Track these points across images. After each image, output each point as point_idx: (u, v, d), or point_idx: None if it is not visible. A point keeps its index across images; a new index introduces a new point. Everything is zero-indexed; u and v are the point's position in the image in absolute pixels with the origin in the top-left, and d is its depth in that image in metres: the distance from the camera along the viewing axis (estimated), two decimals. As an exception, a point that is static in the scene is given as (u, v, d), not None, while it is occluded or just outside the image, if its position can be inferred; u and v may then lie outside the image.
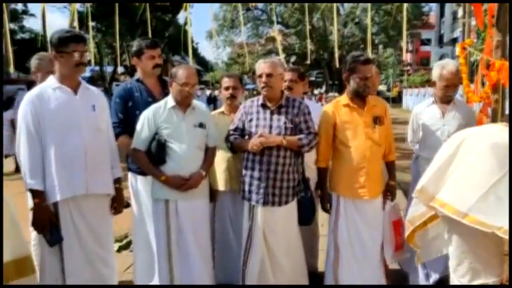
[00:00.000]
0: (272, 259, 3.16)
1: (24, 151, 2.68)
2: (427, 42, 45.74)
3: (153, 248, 3.27)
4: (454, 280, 2.51)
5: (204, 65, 45.44)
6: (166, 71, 4.18)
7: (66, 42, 2.70)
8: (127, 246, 4.53)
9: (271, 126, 3.11)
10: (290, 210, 3.17)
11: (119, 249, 4.39)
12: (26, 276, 2.93)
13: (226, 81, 3.53)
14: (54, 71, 2.84)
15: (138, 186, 3.40)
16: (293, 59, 30.42)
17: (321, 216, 3.75)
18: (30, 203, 2.82)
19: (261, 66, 3.12)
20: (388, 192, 3.32)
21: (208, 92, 29.75)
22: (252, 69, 23.25)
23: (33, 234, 2.85)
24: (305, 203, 3.20)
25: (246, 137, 3.14)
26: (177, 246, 3.04)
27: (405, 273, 3.70)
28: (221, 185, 3.46)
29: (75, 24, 8.94)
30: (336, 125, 3.20)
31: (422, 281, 3.45)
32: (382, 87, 41.00)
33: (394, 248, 3.26)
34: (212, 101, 25.13)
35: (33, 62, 3.48)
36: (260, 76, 3.11)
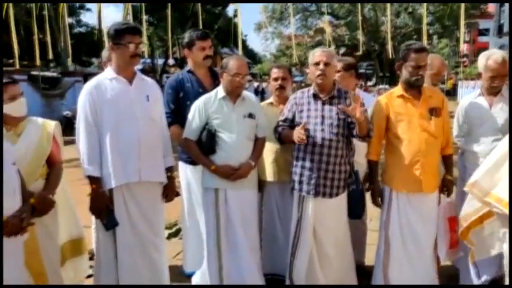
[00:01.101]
0: (320, 251, 3.14)
1: (83, 139, 2.78)
2: (485, 32, 43.50)
3: (202, 236, 3.33)
4: (508, 279, 2.41)
5: (252, 57, 45.50)
6: (215, 63, 4.23)
7: (123, 33, 2.77)
8: (176, 233, 4.66)
9: (323, 117, 3.07)
10: (340, 202, 3.14)
11: (169, 237, 4.50)
12: (78, 255, 3.22)
13: (275, 72, 3.52)
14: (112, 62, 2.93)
15: (189, 175, 3.47)
16: (342, 50, 29.85)
17: (369, 210, 3.69)
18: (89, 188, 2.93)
19: (319, 54, 3.07)
20: (445, 187, 3.20)
21: (255, 84, 29.82)
22: (301, 61, 22.95)
23: (93, 218, 2.98)
24: (356, 196, 3.16)
25: (296, 128, 3.12)
26: (226, 234, 3.08)
27: (457, 270, 3.58)
28: (269, 176, 3.47)
29: (129, 18, 9.23)
30: (389, 117, 3.10)
31: (473, 280, 3.32)
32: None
33: (448, 246, 3.15)
34: (259, 93, 25.17)
35: (105, 52, 3.58)
36: (317, 64, 3.05)
